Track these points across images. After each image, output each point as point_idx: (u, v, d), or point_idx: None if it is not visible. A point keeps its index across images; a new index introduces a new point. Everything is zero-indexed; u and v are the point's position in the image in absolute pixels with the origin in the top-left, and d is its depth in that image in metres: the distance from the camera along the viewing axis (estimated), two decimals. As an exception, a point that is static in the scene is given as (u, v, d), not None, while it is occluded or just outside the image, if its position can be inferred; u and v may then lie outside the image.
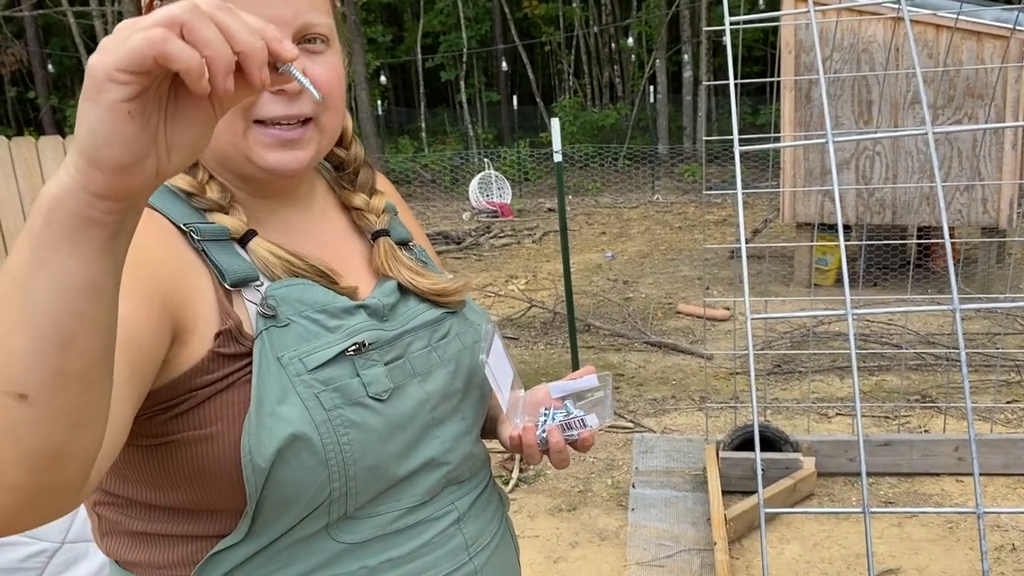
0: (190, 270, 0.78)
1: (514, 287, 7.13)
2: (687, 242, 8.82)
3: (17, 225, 4.80)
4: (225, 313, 0.78)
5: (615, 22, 19.29)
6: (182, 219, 0.80)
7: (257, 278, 0.81)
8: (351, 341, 0.81)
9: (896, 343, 4.88)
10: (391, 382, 0.84)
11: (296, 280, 0.82)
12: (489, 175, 11.93)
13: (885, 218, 5.97)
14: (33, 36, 18.32)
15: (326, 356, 0.80)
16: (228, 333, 0.78)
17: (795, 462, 3.17)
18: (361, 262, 0.94)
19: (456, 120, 20.61)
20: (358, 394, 0.80)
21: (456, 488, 0.92)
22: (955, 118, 5.58)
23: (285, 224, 0.89)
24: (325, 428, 0.77)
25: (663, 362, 4.95)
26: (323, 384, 0.78)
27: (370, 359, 0.83)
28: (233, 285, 0.80)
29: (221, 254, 0.81)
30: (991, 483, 3.23)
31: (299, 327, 0.80)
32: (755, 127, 16.57)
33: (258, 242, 0.83)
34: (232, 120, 0.79)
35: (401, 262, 0.94)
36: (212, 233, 0.81)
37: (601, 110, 18.11)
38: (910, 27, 0.70)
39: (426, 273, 0.95)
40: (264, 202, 0.88)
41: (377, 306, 0.87)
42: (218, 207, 0.83)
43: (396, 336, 0.87)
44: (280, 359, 0.78)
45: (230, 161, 0.83)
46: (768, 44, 18.23)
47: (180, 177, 0.82)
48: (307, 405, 0.77)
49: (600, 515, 3.22)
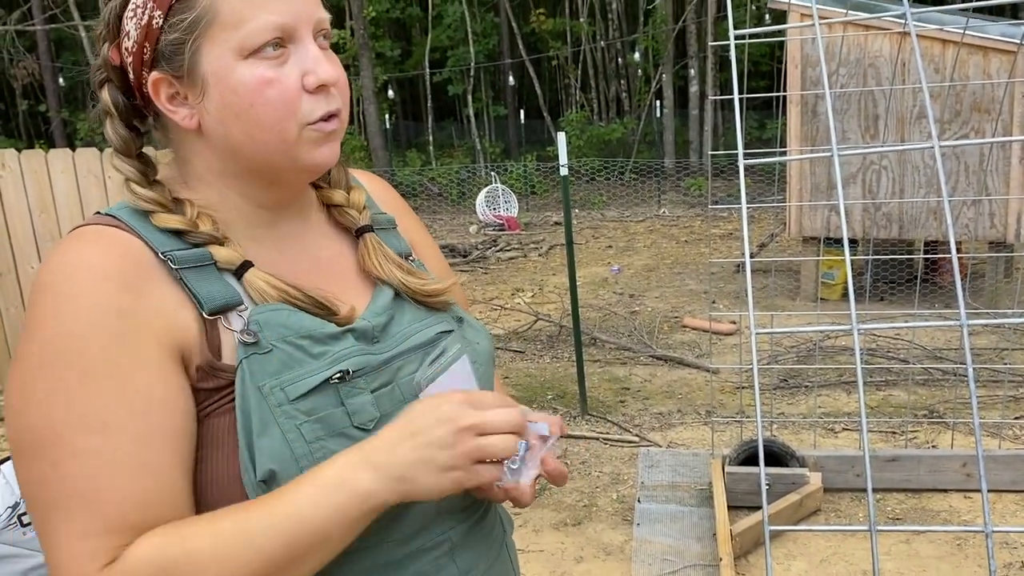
0: (178, 306, 0.77)
1: (520, 300, 7.13)
2: (693, 256, 8.81)
3: (26, 236, 4.83)
4: (203, 345, 0.77)
5: (622, 37, 19.37)
6: (161, 245, 0.78)
7: (240, 303, 0.80)
8: (335, 369, 0.79)
9: (903, 358, 4.86)
10: (378, 411, 0.81)
11: (282, 304, 0.81)
12: (496, 189, 11.96)
13: (892, 232, 5.96)
14: (45, 50, 18.49)
15: (309, 385, 0.77)
16: (204, 368, 0.77)
17: (801, 477, 3.16)
18: (351, 268, 0.92)
19: (463, 134, 20.68)
20: (342, 424, 0.78)
21: (449, 517, 0.88)
22: (962, 132, 5.57)
23: (281, 240, 0.88)
24: (307, 462, 0.76)
25: (669, 376, 4.94)
26: (305, 415, 0.77)
27: (356, 387, 0.80)
28: (212, 313, 0.78)
29: (201, 281, 0.79)
30: (999, 499, 3.21)
31: (281, 353, 0.78)
32: (761, 141, 16.58)
33: (254, 273, 0.81)
34: (283, 127, 0.80)
35: (391, 259, 0.92)
36: (192, 260, 0.79)
37: (608, 124, 18.15)
38: (916, 41, 0.71)
39: (416, 272, 0.94)
40: (266, 214, 0.87)
41: (366, 328, 0.85)
42: (213, 240, 0.81)
43: (385, 361, 0.85)
44: (260, 388, 0.76)
45: (270, 169, 0.83)
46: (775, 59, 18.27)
47: (171, 218, 0.80)
48: (288, 438, 0.75)
49: (605, 530, 3.20)
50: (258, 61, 0.78)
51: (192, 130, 0.82)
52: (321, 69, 0.80)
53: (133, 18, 0.79)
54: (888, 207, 5.87)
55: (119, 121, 0.82)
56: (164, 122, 0.84)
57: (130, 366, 0.73)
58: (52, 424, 0.71)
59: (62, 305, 0.73)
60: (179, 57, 0.78)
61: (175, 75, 0.79)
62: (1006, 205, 5.61)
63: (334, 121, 0.83)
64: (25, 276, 4.91)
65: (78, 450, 0.70)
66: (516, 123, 20.22)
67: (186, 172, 0.85)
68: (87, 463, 0.70)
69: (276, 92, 0.79)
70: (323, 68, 0.80)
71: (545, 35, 19.58)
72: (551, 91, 21.58)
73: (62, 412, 0.71)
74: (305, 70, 0.80)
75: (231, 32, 0.77)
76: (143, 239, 0.78)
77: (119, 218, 0.80)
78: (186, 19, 0.77)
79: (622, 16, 19.45)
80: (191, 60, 0.78)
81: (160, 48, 0.79)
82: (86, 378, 0.71)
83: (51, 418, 0.71)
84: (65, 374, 0.71)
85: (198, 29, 0.77)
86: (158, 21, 0.78)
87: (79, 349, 0.72)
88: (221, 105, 0.79)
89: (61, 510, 0.71)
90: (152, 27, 0.78)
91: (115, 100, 0.82)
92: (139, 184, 0.82)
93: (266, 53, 0.78)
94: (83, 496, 0.70)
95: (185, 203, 0.83)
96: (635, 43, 18.42)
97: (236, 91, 0.78)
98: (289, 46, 0.80)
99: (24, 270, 4.90)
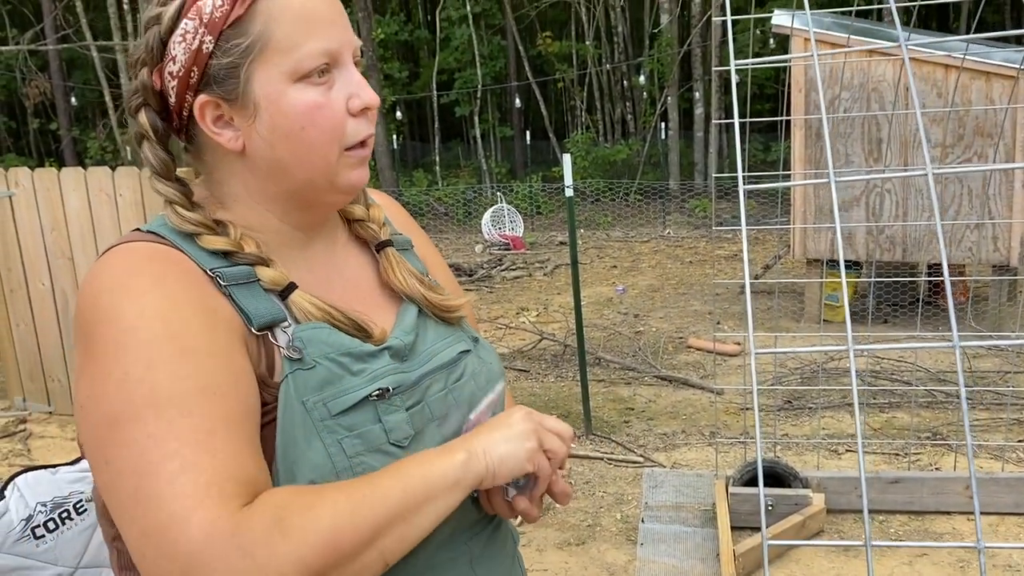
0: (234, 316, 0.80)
1: (525, 319, 7.16)
2: (698, 277, 8.83)
3: (38, 254, 4.88)
4: (259, 358, 0.80)
5: (627, 60, 19.51)
6: (207, 263, 0.81)
7: (284, 319, 0.82)
8: (375, 386, 0.82)
9: (907, 380, 4.87)
10: (412, 428, 0.84)
11: (323, 323, 0.83)
12: (502, 208, 12.02)
13: (895, 255, 5.98)
14: (57, 69, 18.69)
15: (350, 401, 0.80)
16: (259, 380, 0.79)
17: (804, 498, 3.16)
18: (374, 283, 0.95)
19: (470, 154, 20.79)
20: (379, 441, 0.81)
21: (469, 530, 0.92)
22: (965, 156, 5.61)
23: (312, 260, 0.91)
24: (346, 476, 0.78)
25: (673, 396, 4.95)
26: (346, 430, 0.79)
27: (392, 404, 0.83)
28: (260, 329, 0.80)
29: (247, 297, 0.81)
30: (1002, 523, 3.20)
31: (324, 370, 0.80)
32: (766, 164, 16.63)
33: (300, 294, 0.84)
34: (328, 150, 0.83)
35: (411, 273, 0.95)
36: (239, 277, 0.82)
37: (613, 146, 18.23)
38: (910, 67, 0.74)
39: (436, 288, 0.97)
40: (300, 235, 0.90)
41: (400, 347, 0.88)
42: (260, 261, 0.83)
43: (417, 380, 0.87)
44: (304, 403, 0.78)
45: (310, 189, 0.86)
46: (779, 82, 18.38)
47: (218, 240, 0.82)
48: (330, 452, 0.78)
49: (609, 550, 3.21)
50: (308, 86, 0.82)
51: (234, 151, 0.84)
52: (364, 93, 0.85)
53: (182, 43, 0.80)
54: (892, 230, 5.90)
55: (157, 144, 0.84)
56: (199, 144, 0.87)
57: (226, 346, 0.75)
58: (161, 390, 0.71)
59: (143, 300, 0.74)
60: (232, 80, 0.81)
61: (225, 98, 0.82)
62: (1009, 229, 5.63)
63: (368, 145, 0.87)
64: (36, 293, 4.95)
65: (194, 411, 0.71)
66: (522, 144, 20.32)
67: (222, 193, 0.88)
68: (205, 421, 0.71)
69: (326, 116, 0.82)
70: (366, 92, 0.85)
71: (551, 58, 19.72)
72: (557, 113, 21.70)
73: (172, 380, 0.71)
74: (350, 94, 0.84)
75: (283, 57, 0.80)
76: (189, 256, 0.81)
77: (162, 235, 0.82)
78: (241, 44, 0.80)
79: (628, 39, 19.59)
80: (244, 83, 0.81)
81: (210, 72, 0.81)
82: (193, 352, 0.73)
83: (158, 386, 0.71)
84: (167, 349, 0.72)
85: (252, 54, 0.80)
86: (208, 46, 0.80)
87: (179, 327, 0.73)
88: (271, 127, 0.82)
89: (178, 461, 0.69)
90: (202, 52, 0.80)
91: (153, 123, 0.84)
92: (183, 206, 0.83)
93: (315, 78, 0.82)
94: (205, 446, 0.70)
95: (228, 225, 0.85)
96: (640, 66, 18.55)
97: (287, 114, 0.81)
98: (334, 71, 0.84)
99: (35, 287, 4.95)
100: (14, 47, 16.35)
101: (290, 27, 0.80)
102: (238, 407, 0.74)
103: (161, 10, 0.81)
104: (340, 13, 0.85)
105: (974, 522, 3.22)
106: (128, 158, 17.45)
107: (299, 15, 0.81)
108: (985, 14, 18.54)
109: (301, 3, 0.81)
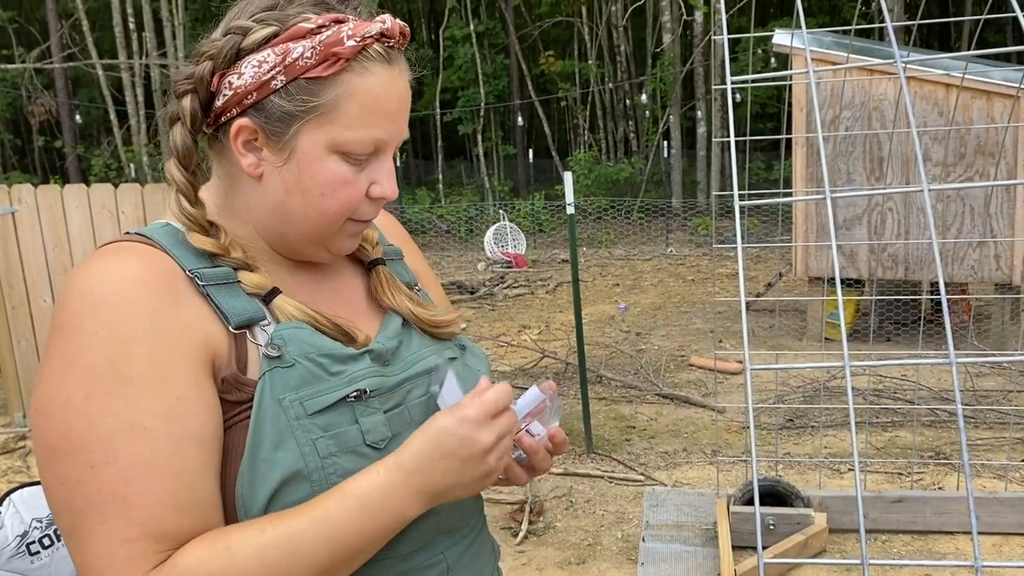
0: (208, 320, 0.80)
1: (527, 337, 7.15)
2: (700, 295, 8.83)
3: (40, 270, 4.89)
4: (231, 358, 0.80)
5: (630, 79, 19.62)
6: (189, 263, 0.82)
7: (264, 318, 0.83)
8: (353, 387, 0.82)
9: (909, 399, 4.85)
10: (389, 431, 0.84)
11: (304, 324, 0.84)
12: (504, 226, 12.04)
13: (898, 273, 5.98)
14: (62, 87, 18.83)
15: (327, 401, 0.80)
16: (230, 380, 0.79)
17: (806, 518, 3.14)
18: (362, 297, 0.96)
19: (473, 172, 20.88)
20: (355, 442, 0.81)
21: (447, 537, 0.91)
22: (966, 175, 5.62)
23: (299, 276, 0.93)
24: (318, 476, 0.78)
25: (675, 415, 4.93)
26: (322, 430, 0.79)
27: (370, 406, 0.83)
28: (238, 328, 0.81)
29: (226, 297, 0.82)
30: (1006, 542, 3.18)
31: (303, 369, 0.81)
32: (768, 182, 16.67)
33: (283, 299, 0.85)
34: (335, 220, 0.86)
35: (400, 291, 0.97)
36: (217, 277, 0.83)
37: (616, 164, 18.30)
38: (906, 86, 0.75)
39: (425, 304, 0.98)
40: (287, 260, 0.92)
41: (381, 351, 0.88)
42: (244, 266, 0.85)
43: (398, 383, 0.88)
44: (281, 401, 0.79)
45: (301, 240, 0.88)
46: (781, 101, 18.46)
47: (205, 240, 0.84)
48: (303, 451, 0.78)
49: (609, 569, 3.19)
50: (344, 160, 0.84)
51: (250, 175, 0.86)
52: (388, 185, 0.87)
53: (256, 68, 0.81)
54: (894, 248, 5.90)
55: (188, 129, 0.85)
56: (226, 149, 0.87)
57: (171, 373, 0.75)
58: (92, 427, 0.72)
59: (101, 310, 0.75)
60: (283, 124, 0.82)
61: (267, 132, 0.83)
62: (1011, 247, 5.63)
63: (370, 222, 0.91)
64: (38, 310, 4.96)
65: (119, 454, 0.72)
66: (525, 162, 20.40)
67: (225, 202, 0.89)
68: (126, 467, 0.72)
69: (347, 194, 0.85)
70: (389, 185, 0.87)
71: (554, 76, 19.84)
72: (560, 131, 21.80)
73: (103, 416, 0.72)
74: (375, 180, 0.87)
75: (338, 129, 0.82)
76: (171, 256, 0.82)
77: (148, 236, 0.84)
78: (308, 102, 0.81)
79: (630, 58, 19.71)
80: (289, 131, 0.82)
81: (267, 106, 0.82)
82: (126, 384, 0.73)
83: (90, 421, 0.72)
84: (104, 380, 0.73)
85: (312, 113, 0.81)
86: (277, 85, 0.81)
87: (119, 355, 0.74)
88: (296, 179, 0.84)
89: (97, 514, 0.72)
90: (269, 86, 0.81)
91: (194, 111, 0.84)
92: (187, 198, 0.85)
93: (354, 158, 0.84)
94: (123, 500, 0.72)
95: (221, 230, 0.87)
96: (643, 85, 18.64)
97: (315, 177, 0.83)
98: (372, 155, 0.86)
99: (37, 304, 4.96)
100: (20, 65, 16.48)
101: (358, 109, 0.82)
102: (168, 440, 0.74)
103: (250, 26, 0.82)
104: (405, 110, 0.87)
105: (978, 542, 3.20)
106: (132, 175, 17.53)
107: (371, 103, 0.83)
108: (987, 34, 18.63)
109: (380, 94, 0.83)
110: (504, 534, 3.48)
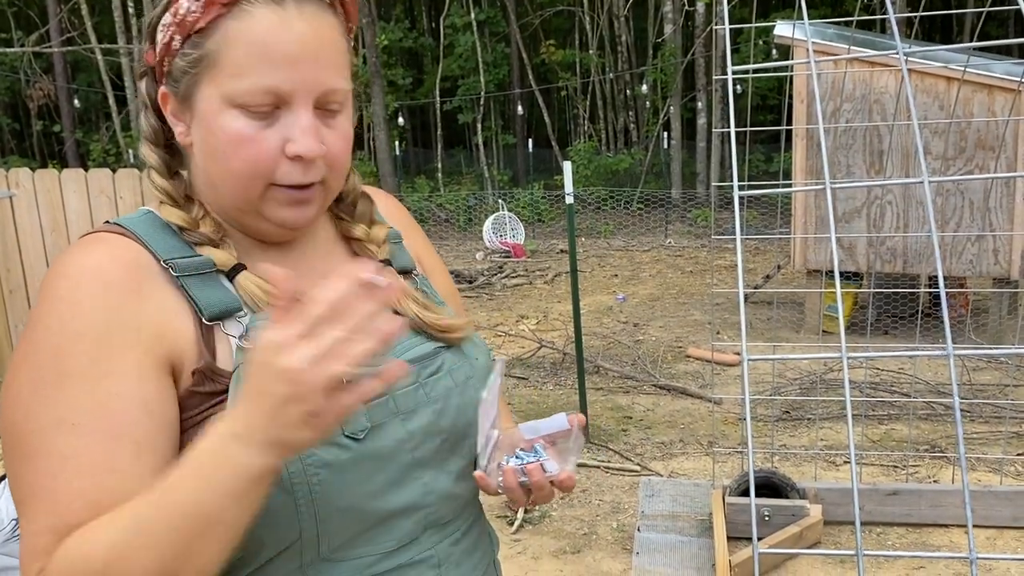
0: (173, 314, 0.79)
1: (525, 327, 7.15)
2: (698, 286, 8.83)
3: (37, 255, 4.89)
4: (201, 350, 0.78)
5: (631, 69, 19.56)
6: (165, 253, 0.81)
7: (240, 309, 0.81)
8: None
9: (906, 392, 4.86)
10: (369, 421, 0.81)
11: None
12: (503, 216, 12.03)
13: (896, 267, 5.98)
14: (61, 71, 18.76)
15: None
16: (203, 371, 0.78)
17: (801, 509, 3.15)
18: None
19: (472, 161, 20.84)
20: (333, 433, 0.77)
21: (437, 531, 0.89)
22: (967, 168, 5.61)
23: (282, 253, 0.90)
24: (295, 467, 0.76)
25: (672, 405, 4.94)
26: None
27: None
28: (211, 319, 0.79)
29: (202, 288, 0.81)
30: (1000, 536, 3.19)
31: None
32: (768, 174, 16.65)
33: (246, 275, 0.83)
34: (250, 184, 0.81)
35: (408, 294, 0.93)
36: (194, 267, 0.81)
37: (615, 155, 18.27)
38: (908, 78, 0.74)
39: (432, 307, 0.94)
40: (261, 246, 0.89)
41: None
42: (209, 241, 0.83)
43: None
44: None
45: (242, 215, 0.85)
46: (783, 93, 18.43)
47: (175, 212, 0.83)
48: None
49: (604, 558, 3.20)
50: (243, 115, 0.79)
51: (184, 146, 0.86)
52: (302, 142, 0.79)
53: (162, 32, 0.82)
54: (892, 241, 5.90)
55: (151, 111, 0.86)
56: None
57: (107, 369, 0.74)
58: (29, 421, 0.74)
59: (55, 307, 0.76)
60: (182, 86, 0.82)
61: (176, 98, 0.83)
62: (1010, 241, 5.63)
63: (310, 191, 0.83)
64: (35, 294, 4.96)
65: (48, 448, 0.73)
66: (524, 152, 20.35)
67: (192, 181, 0.88)
68: (53, 461, 0.73)
69: (249, 152, 0.79)
70: (304, 142, 0.79)
71: (555, 66, 19.79)
72: (560, 121, 21.76)
73: (39, 410, 0.74)
74: (288, 137, 0.80)
75: (226, 79, 0.79)
76: (146, 246, 0.81)
77: (125, 226, 0.83)
78: (193, 54, 0.80)
79: (631, 49, 19.65)
80: (190, 91, 0.81)
81: (172, 70, 0.82)
82: (64, 379, 0.73)
83: (29, 416, 0.74)
84: (47, 374, 0.74)
85: (200, 67, 0.80)
86: (176, 45, 0.81)
87: (63, 350, 0.74)
88: (204, 141, 0.82)
89: (27, 505, 0.73)
90: (171, 48, 0.81)
91: (150, 92, 0.86)
92: (159, 173, 0.86)
93: (254, 111, 0.79)
94: (46, 493, 0.72)
95: (196, 203, 0.86)
96: (644, 75, 18.59)
97: (215, 135, 0.80)
98: (282, 108, 0.80)
99: (34, 288, 4.95)
100: (19, 49, 16.41)
101: (241, 55, 0.78)
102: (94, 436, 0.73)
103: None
104: (313, 55, 0.79)
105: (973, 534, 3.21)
106: (131, 160, 17.49)
107: (254, 46, 0.78)
108: (989, 28, 18.58)
109: (262, 35, 0.77)
110: (500, 523, 3.48)
